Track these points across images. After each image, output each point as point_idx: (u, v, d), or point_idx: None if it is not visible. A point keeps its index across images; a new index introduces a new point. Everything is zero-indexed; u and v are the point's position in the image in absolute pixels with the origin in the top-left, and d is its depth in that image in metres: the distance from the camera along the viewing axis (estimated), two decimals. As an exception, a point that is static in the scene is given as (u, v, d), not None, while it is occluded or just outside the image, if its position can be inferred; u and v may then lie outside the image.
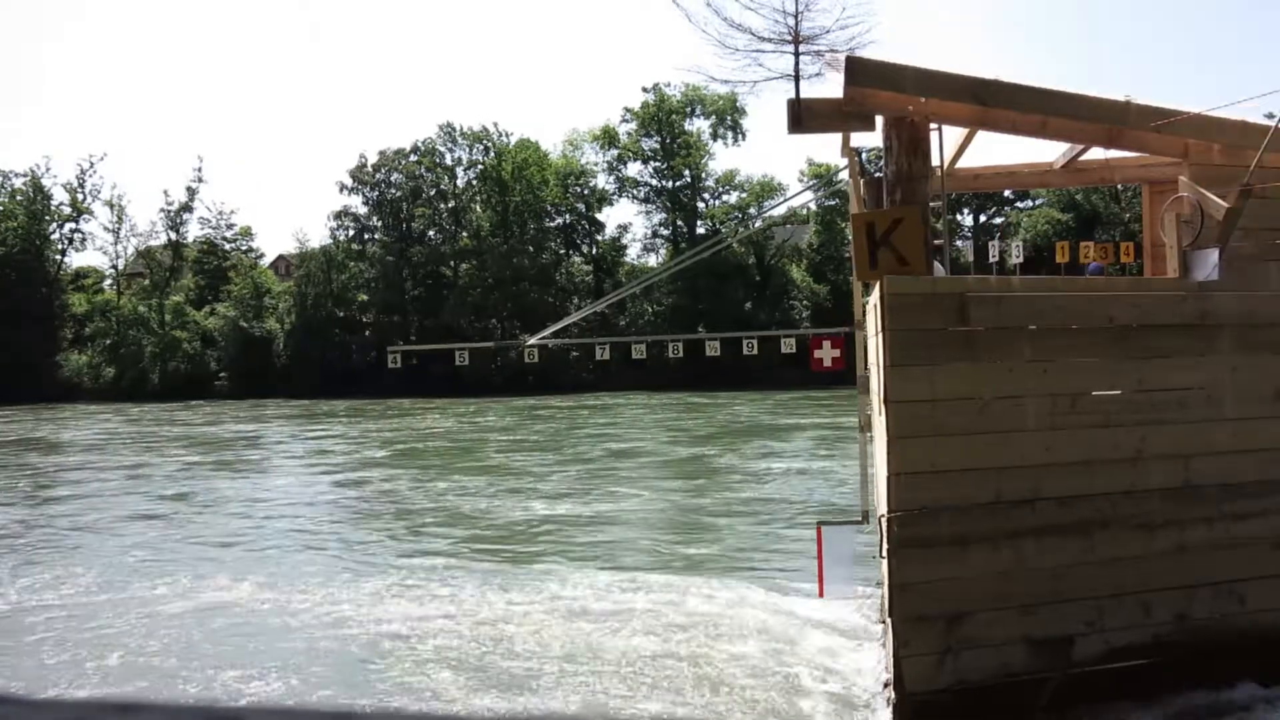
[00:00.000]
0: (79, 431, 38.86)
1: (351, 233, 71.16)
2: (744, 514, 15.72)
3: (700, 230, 67.60)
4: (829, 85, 7.03)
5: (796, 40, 6.95)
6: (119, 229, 74.09)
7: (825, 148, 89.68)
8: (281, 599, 11.07)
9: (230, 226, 76.61)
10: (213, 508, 18.34)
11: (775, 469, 21.56)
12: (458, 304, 65.68)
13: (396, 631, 9.65)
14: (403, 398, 51.91)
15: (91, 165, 73.86)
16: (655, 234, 71.78)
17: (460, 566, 12.67)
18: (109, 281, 77.54)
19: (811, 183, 56.20)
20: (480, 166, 70.64)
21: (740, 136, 69.59)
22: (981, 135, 7.96)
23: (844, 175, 9.99)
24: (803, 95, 7.02)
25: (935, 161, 7.19)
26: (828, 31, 6.97)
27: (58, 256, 74.75)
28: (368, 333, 66.94)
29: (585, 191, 71.82)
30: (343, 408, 48.84)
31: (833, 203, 58.05)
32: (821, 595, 8.64)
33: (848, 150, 9.22)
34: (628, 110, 70.42)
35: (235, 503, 19.00)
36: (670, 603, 10.42)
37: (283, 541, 14.94)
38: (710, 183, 70.75)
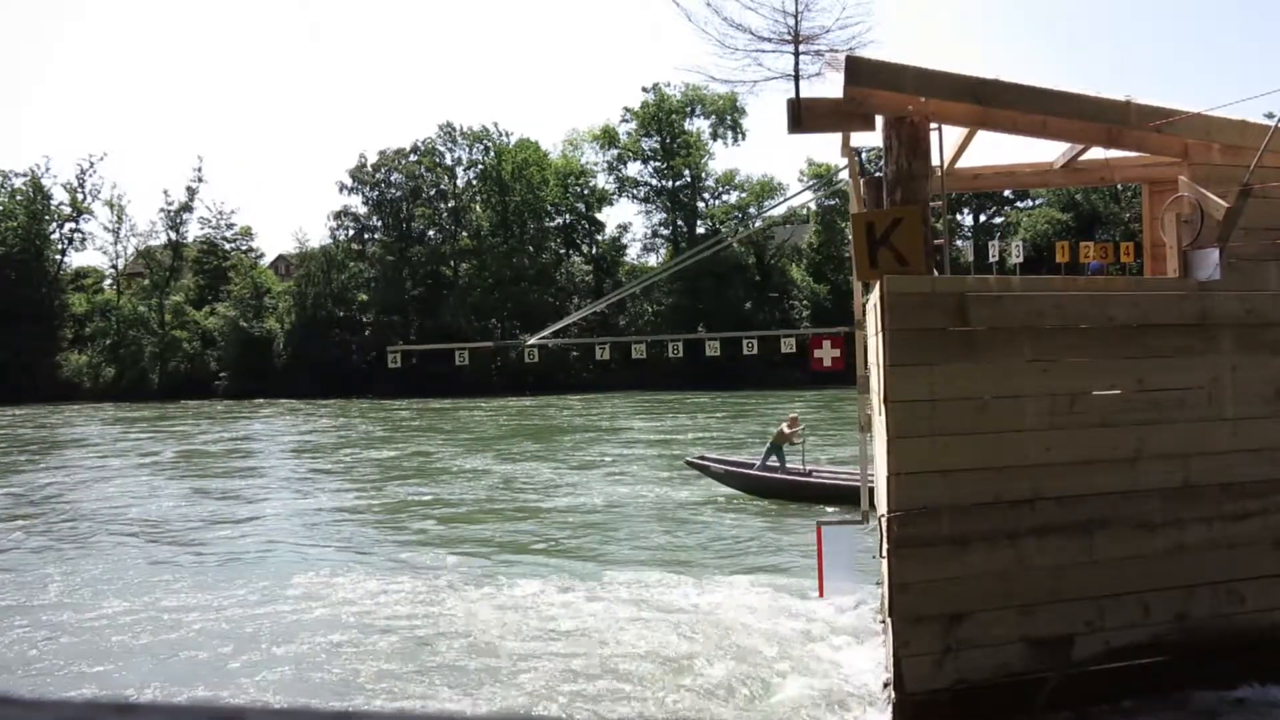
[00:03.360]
0: (78, 432, 38.86)
1: (351, 233, 71.16)
2: (743, 513, 15.71)
3: (700, 230, 67.59)
4: (829, 85, 7.05)
5: (796, 40, 6.96)
6: (119, 229, 74.11)
7: (825, 148, 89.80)
8: (282, 599, 11.07)
9: (230, 226, 76.62)
10: (211, 508, 18.34)
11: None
12: (458, 304, 65.67)
13: (397, 631, 9.65)
14: (402, 398, 51.91)
15: (91, 165, 73.90)
16: (655, 234, 71.84)
17: (459, 566, 12.67)
18: (109, 281, 77.51)
19: (811, 183, 56.21)
20: (480, 166, 70.64)
21: (740, 136, 69.70)
22: (981, 135, 7.97)
23: (844, 175, 10.00)
24: (803, 95, 7.03)
25: (935, 161, 7.19)
26: (828, 31, 6.99)
27: (58, 256, 74.72)
28: (368, 333, 66.89)
29: (585, 191, 71.83)
30: (342, 408, 48.84)
31: (833, 203, 58.06)
32: (821, 595, 8.66)
33: (848, 150, 9.22)
34: (628, 110, 70.51)
35: (234, 503, 19.00)
36: (669, 602, 10.43)
37: (282, 541, 14.94)
38: (710, 183, 70.78)
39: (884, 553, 6.54)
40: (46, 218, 73.33)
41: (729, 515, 15.63)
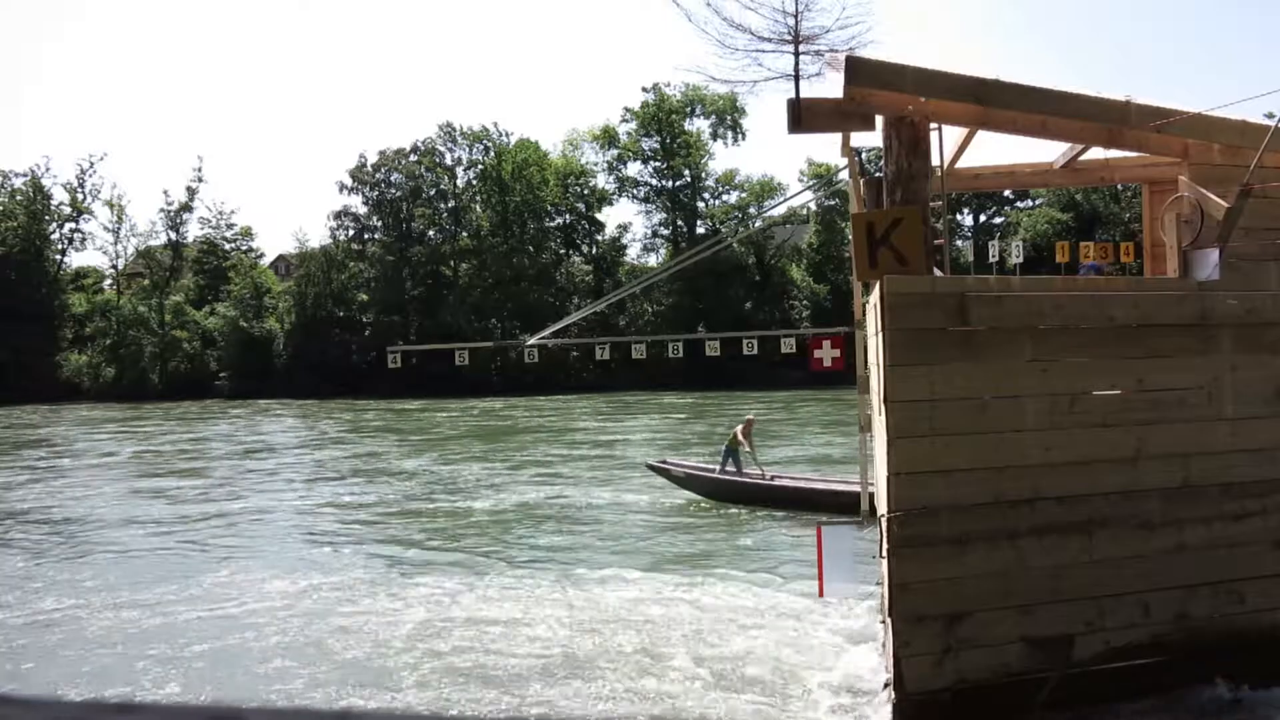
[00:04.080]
0: (79, 431, 38.86)
1: (351, 233, 71.15)
2: (742, 511, 15.70)
3: (700, 230, 67.60)
4: (829, 85, 7.04)
5: (796, 40, 6.95)
6: (119, 229, 74.16)
7: (825, 148, 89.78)
8: (282, 599, 11.07)
9: (230, 226, 76.69)
10: (210, 509, 18.33)
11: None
12: (458, 304, 65.66)
13: (397, 630, 9.65)
14: (402, 398, 51.91)
15: (91, 165, 73.94)
16: (655, 234, 71.83)
17: (457, 566, 12.67)
18: (109, 281, 77.54)
19: (811, 183, 56.22)
20: (480, 166, 70.64)
21: (740, 136, 69.68)
22: (981, 135, 7.96)
23: (844, 175, 10.01)
24: (803, 95, 7.02)
25: (935, 161, 7.19)
26: (828, 31, 6.99)
27: (58, 256, 74.74)
28: (368, 333, 66.88)
29: (585, 191, 71.82)
30: (341, 408, 48.83)
31: (833, 203, 58.07)
32: (821, 595, 8.64)
33: (848, 150, 9.22)
34: (628, 110, 70.51)
35: (233, 504, 19.00)
36: (668, 602, 10.43)
37: (282, 541, 14.95)
38: (710, 183, 70.78)
39: (884, 553, 6.54)
40: (46, 218, 73.36)
41: (727, 514, 15.62)
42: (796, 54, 6.99)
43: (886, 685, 6.95)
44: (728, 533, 14.43)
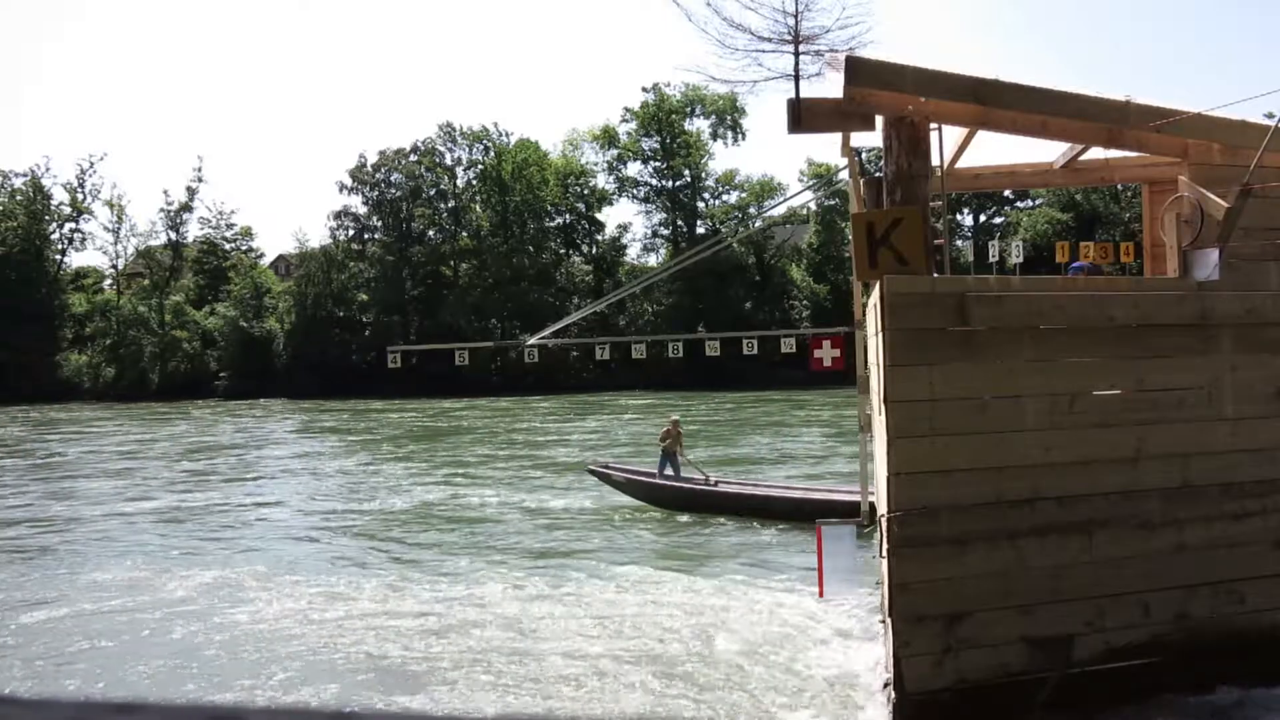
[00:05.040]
0: (79, 430, 38.87)
1: (351, 233, 71.17)
2: (736, 516, 15.60)
3: (700, 230, 67.61)
4: (829, 85, 7.04)
5: (796, 40, 6.96)
6: (119, 229, 74.24)
7: (825, 148, 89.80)
8: (283, 599, 11.07)
9: (230, 226, 76.75)
10: (209, 509, 18.34)
11: (772, 466, 21.54)
12: (458, 304, 65.67)
13: (397, 630, 9.65)
14: (402, 398, 51.91)
15: (91, 165, 74.02)
16: (655, 234, 71.86)
17: (457, 565, 12.67)
18: (109, 281, 77.60)
19: (811, 183, 56.22)
20: (480, 166, 70.67)
21: (740, 136, 69.70)
22: (981, 135, 7.96)
23: (844, 175, 10.01)
24: (803, 95, 7.03)
25: (935, 161, 7.19)
26: (828, 31, 7.00)
27: (58, 256, 74.79)
28: (368, 333, 66.90)
29: (585, 191, 71.84)
30: (341, 408, 48.83)
31: (833, 203, 58.10)
32: (821, 595, 8.65)
33: (848, 150, 9.23)
34: (628, 110, 70.53)
35: (232, 504, 19.01)
36: (668, 602, 10.43)
37: (281, 541, 14.94)
38: (710, 182, 70.80)
39: (884, 553, 6.54)
40: (46, 218, 73.41)
41: (722, 518, 15.51)
42: (796, 54, 7.00)
43: (886, 685, 6.94)
44: (725, 532, 14.41)
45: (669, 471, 16.46)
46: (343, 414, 44.84)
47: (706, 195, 70.87)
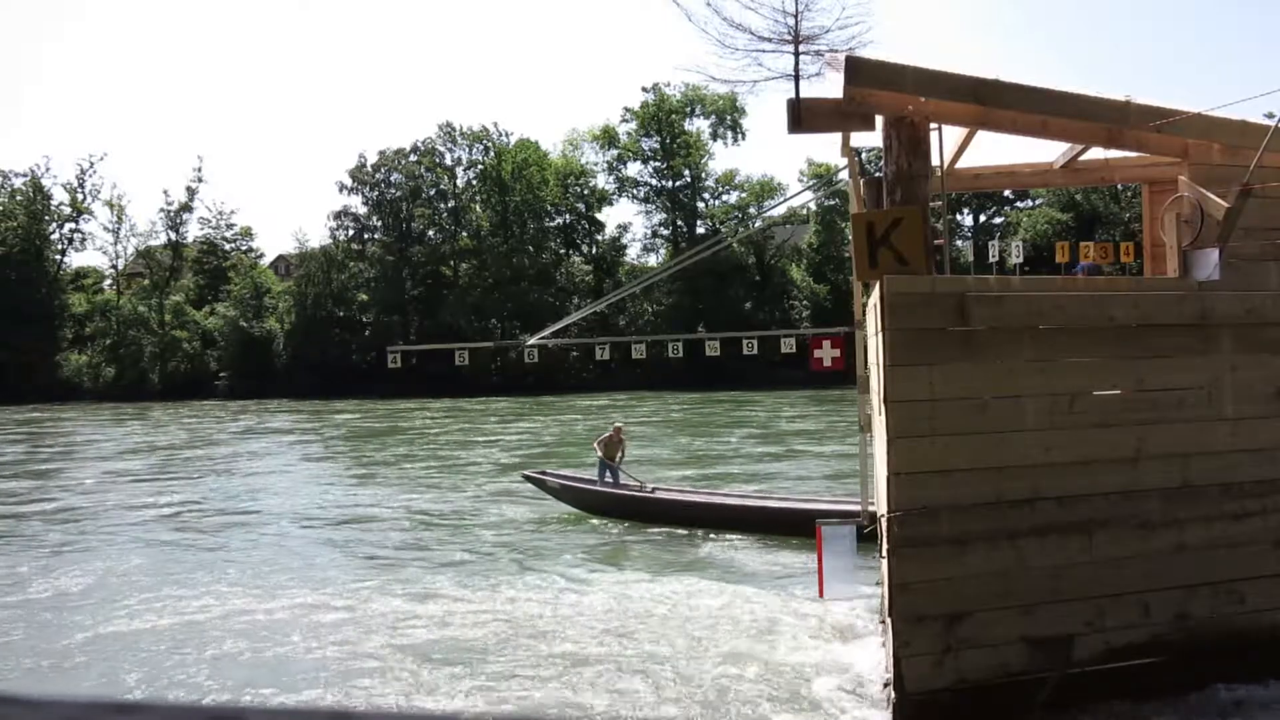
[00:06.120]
0: (77, 431, 38.86)
1: (351, 233, 71.17)
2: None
3: (700, 230, 67.62)
4: (829, 85, 7.04)
5: (796, 40, 6.96)
6: (119, 229, 74.23)
7: (825, 148, 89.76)
8: (282, 599, 11.06)
9: (230, 226, 76.74)
10: (209, 509, 18.34)
11: (771, 467, 21.56)
12: (458, 304, 65.68)
13: (397, 630, 9.65)
14: (402, 398, 51.91)
15: (91, 165, 74.02)
16: (655, 234, 71.86)
17: (457, 566, 12.67)
18: (109, 281, 77.59)
19: (811, 183, 56.23)
20: (480, 166, 70.66)
21: (740, 136, 69.72)
22: (981, 135, 7.96)
23: (844, 175, 10.01)
24: (803, 95, 7.02)
25: (935, 161, 7.19)
26: (828, 31, 6.99)
27: (58, 256, 74.78)
28: (368, 333, 66.90)
29: (585, 191, 71.84)
30: (341, 409, 48.84)
31: (833, 203, 58.09)
32: (821, 595, 8.64)
33: (848, 150, 9.22)
34: (628, 110, 70.54)
35: (232, 504, 19.00)
36: (668, 602, 10.43)
37: (280, 542, 14.93)
38: (710, 183, 70.81)
39: (884, 553, 6.54)
40: (46, 218, 73.41)
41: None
42: (796, 54, 6.99)
43: (886, 685, 6.95)
44: (724, 532, 14.40)
45: (608, 478, 15.93)
46: (345, 413, 44.87)
47: (706, 195, 70.90)
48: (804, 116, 7.02)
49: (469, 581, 11.66)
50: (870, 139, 7.68)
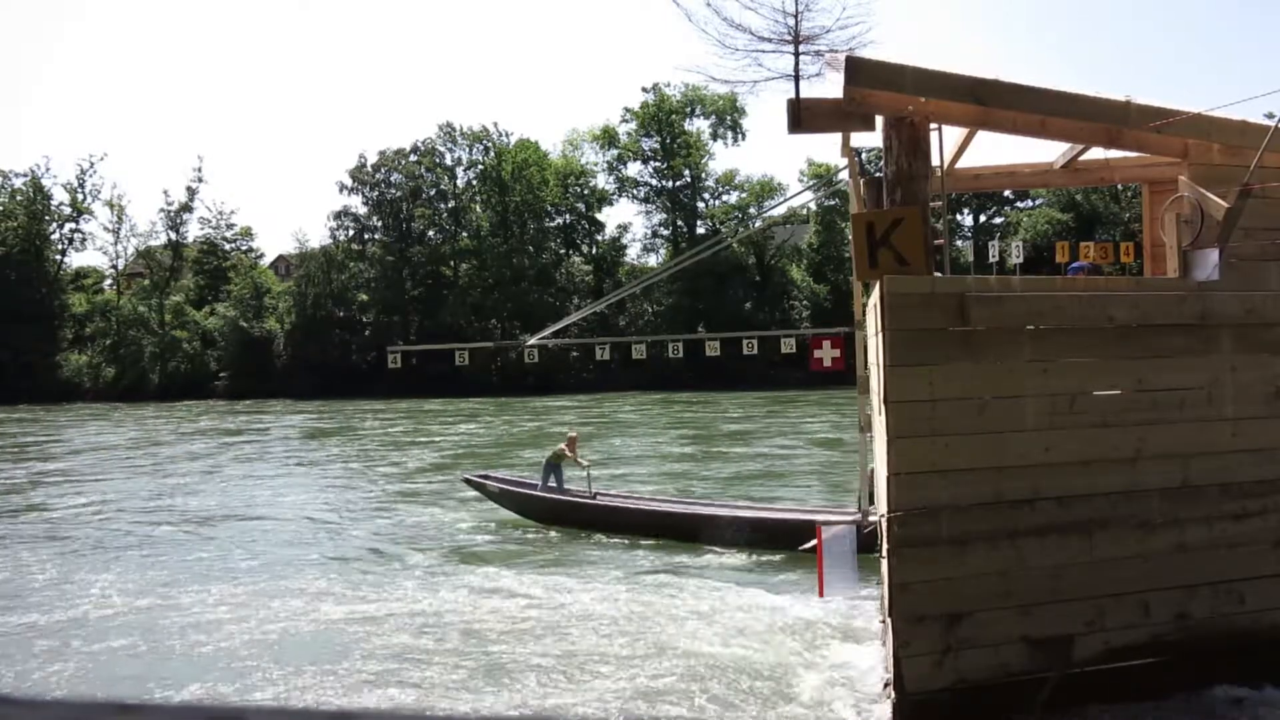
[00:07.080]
0: (77, 430, 38.86)
1: (351, 233, 71.11)
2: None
3: (700, 230, 67.57)
4: (829, 85, 7.05)
5: (796, 40, 6.96)
6: (119, 229, 74.10)
7: (825, 148, 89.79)
8: (281, 599, 11.06)
9: (230, 226, 76.66)
10: (210, 510, 18.34)
11: (770, 466, 21.56)
12: (458, 304, 65.66)
13: (397, 631, 9.65)
14: (402, 398, 51.91)
15: (91, 165, 73.89)
16: (655, 234, 71.79)
17: (458, 566, 12.67)
18: (109, 281, 77.52)
19: (811, 183, 56.21)
20: (480, 166, 70.62)
21: (740, 136, 69.64)
22: (981, 135, 7.96)
23: (844, 175, 10.02)
24: (803, 95, 7.03)
25: (935, 161, 7.19)
26: (828, 31, 7.00)
27: (58, 256, 74.70)
28: (368, 333, 66.85)
29: (585, 191, 71.80)
30: (341, 409, 48.83)
31: (833, 203, 58.05)
32: (821, 595, 8.65)
33: (848, 150, 9.23)
34: (628, 110, 70.47)
35: (232, 505, 19.00)
36: (668, 602, 10.43)
37: (280, 542, 14.93)
38: (710, 183, 70.75)
39: (884, 553, 6.54)
40: (46, 218, 73.31)
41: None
42: (796, 54, 7.00)
43: (886, 685, 6.95)
44: (703, 545, 14.39)
45: (552, 484, 15.26)
46: (338, 414, 44.87)
47: (706, 195, 70.86)
48: (804, 117, 7.03)
49: (465, 578, 11.67)
50: (870, 139, 7.70)
